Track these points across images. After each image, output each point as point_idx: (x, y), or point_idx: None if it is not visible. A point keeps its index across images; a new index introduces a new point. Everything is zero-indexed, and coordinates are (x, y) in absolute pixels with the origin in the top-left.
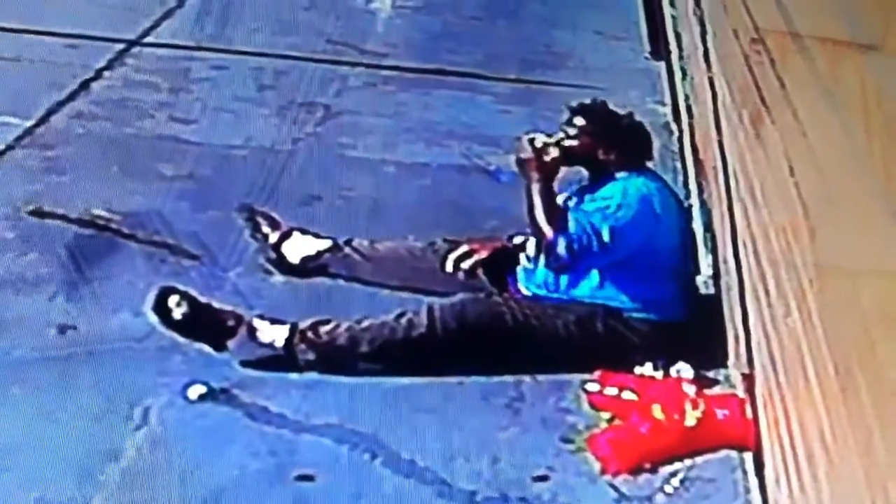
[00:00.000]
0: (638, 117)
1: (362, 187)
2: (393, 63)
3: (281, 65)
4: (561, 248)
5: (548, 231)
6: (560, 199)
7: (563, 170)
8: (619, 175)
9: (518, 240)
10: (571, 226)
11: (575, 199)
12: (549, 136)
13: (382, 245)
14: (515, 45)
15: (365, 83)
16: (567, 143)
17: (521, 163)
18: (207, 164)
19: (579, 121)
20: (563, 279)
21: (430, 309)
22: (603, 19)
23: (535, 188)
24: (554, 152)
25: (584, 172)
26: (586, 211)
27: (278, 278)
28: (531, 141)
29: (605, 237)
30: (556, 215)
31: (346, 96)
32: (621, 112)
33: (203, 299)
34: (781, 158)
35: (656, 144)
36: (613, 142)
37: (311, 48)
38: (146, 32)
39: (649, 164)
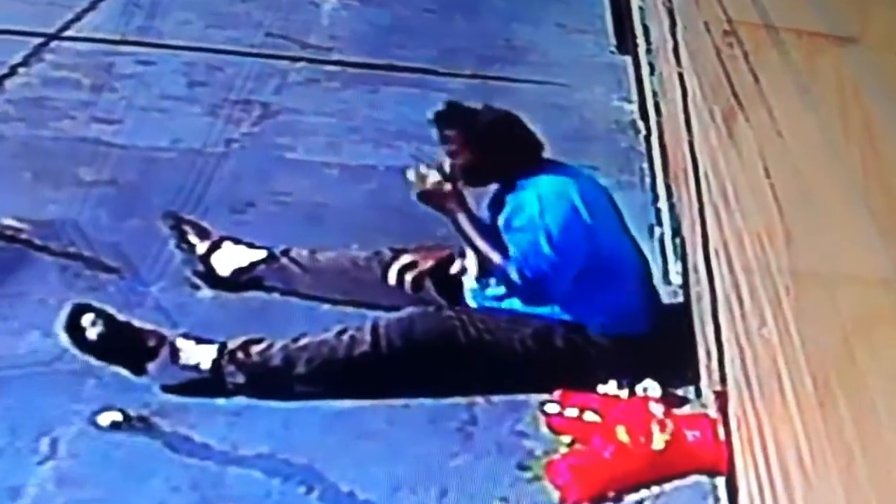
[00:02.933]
0: (592, 113)
1: (302, 192)
2: (338, 58)
3: (214, 60)
4: (513, 274)
5: (496, 257)
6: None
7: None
8: (526, 181)
9: (456, 266)
10: (512, 250)
11: (494, 217)
12: (430, 165)
13: (323, 255)
14: (472, 39)
15: (307, 79)
16: (456, 161)
17: (427, 198)
18: (131, 169)
19: (449, 132)
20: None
21: (375, 325)
22: (565, 12)
23: (461, 218)
24: (447, 185)
25: (492, 187)
26: (515, 228)
27: (206, 293)
28: (422, 177)
29: (546, 249)
30: (496, 239)
31: (286, 93)
32: (476, 107)
33: (121, 317)
34: (756, 158)
35: (623, 144)
36: (488, 144)
37: (249, 42)
38: (66, 25)
39: (547, 156)
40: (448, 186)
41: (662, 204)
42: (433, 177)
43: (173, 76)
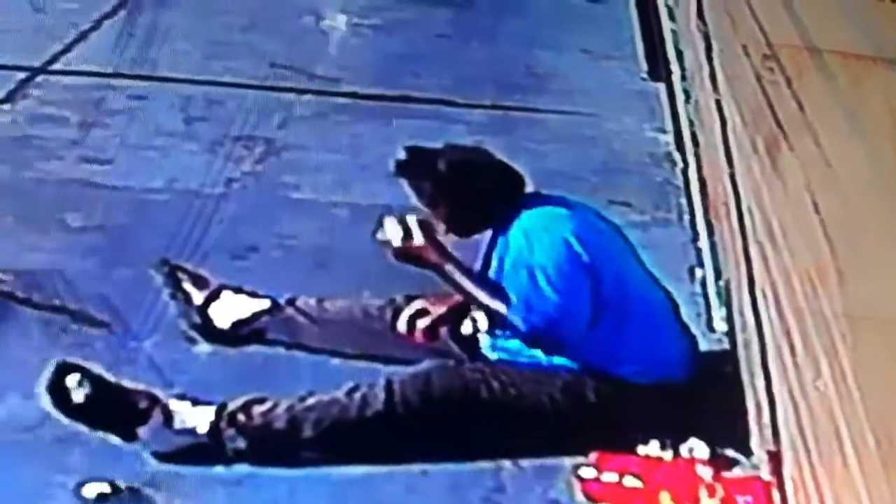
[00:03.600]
0: (623, 145)
1: (309, 235)
2: (348, 89)
3: (214, 93)
4: (518, 322)
5: (498, 306)
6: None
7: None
8: (514, 220)
9: (467, 327)
10: (511, 296)
11: (489, 265)
12: (398, 219)
13: (332, 304)
14: (490, 67)
15: (314, 113)
16: (437, 213)
17: (406, 255)
18: (122, 212)
19: (417, 183)
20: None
21: (389, 382)
22: (591, 36)
23: (449, 270)
24: (417, 238)
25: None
26: (507, 271)
27: (204, 348)
28: (407, 231)
29: (546, 290)
30: (494, 286)
31: (291, 128)
32: (435, 147)
33: (110, 377)
34: (803, 191)
35: (658, 178)
36: (460, 189)
37: (251, 73)
38: (54, 58)
39: (532, 190)
40: (419, 239)
41: (703, 243)
42: (396, 233)
43: (169, 111)
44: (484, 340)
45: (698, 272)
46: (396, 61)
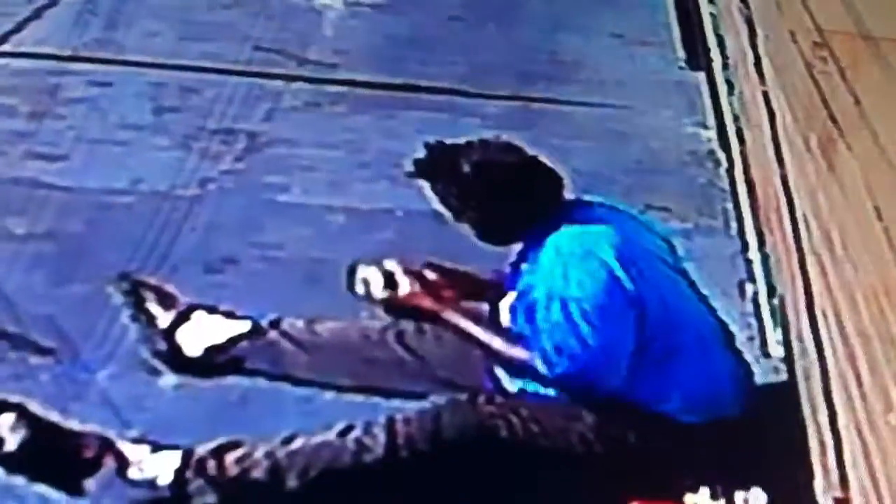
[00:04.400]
0: (660, 141)
1: (298, 245)
2: (344, 76)
3: (189, 79)
4: (542, 368)
5: (518, 353)
6: (506, 307)
7: None
8: (547, 234)
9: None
10: (539, 335)
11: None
12: (375, 266)
13: (324, 327)
14: (509, 53)
15: (306, 103)
16: (462, 219)
17: (393, 307)
18: (76, 218)
19: (440, 185)
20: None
21: (391, 420)
22: (622, 19)
23: (450, 316)
24: (405, 286)
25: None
26: (532, 302)
27: (169, 380)
28: (367, 287)
29: (583, 328)
30: (507, 330)
31: (278, 121)
32: (460, 142)
33: (53, 417)
34: (863, 195)
35: (700, 180)
36: (492, 191)
37: (233, 57)
38: (3, 38)
39: (570, 197)
40: (405, 287)
41: (753, 254)
42: (377, 284)
43: (136, 100)
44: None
45: (749, 288)
46: (401, 45)
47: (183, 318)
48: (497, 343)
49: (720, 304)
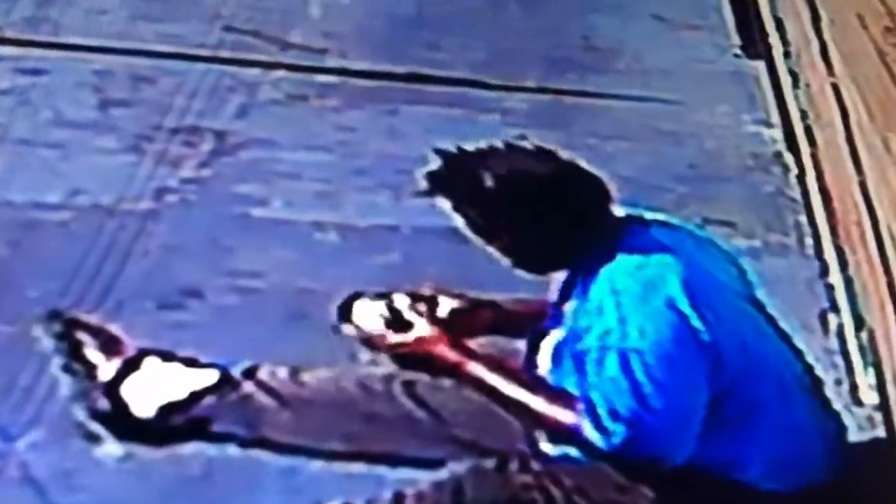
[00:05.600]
0: (716, 142)
1: (279, 271)
2: (336, 64)
3: (143, 67)
4: (593, 435)
5: (563, 416)
6: (547, 349)
7: None
8: (598, 264)
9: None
10: (593, 397)
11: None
12: (389, 300)
13: (313, 376)
14: (535, 38)
15: (288, 96)
16: (493, 243)
17: (403, 357)
18: None
19: (462, 202)
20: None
21: (400, 498)
22: (667, 0)
23: (475, 370)
24: (419, 328)
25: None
26: (581, 351)
27: (112, 450)
28: (397, 318)
29: (646, 387)
30: (549, 386)
31: (254, 117)
32: (482, 147)
33: None
34: None
35: (767, 188)
36: (521, 209)
37: (198, 40)
38: None
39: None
40: (422, 328)
41: (835, 278)
42: (377, 321)
43: (76, 92)
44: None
45: (832, 319)
46: (406, 27)
47: (131, 367)
48: (537, 403)
49: (799, 340)
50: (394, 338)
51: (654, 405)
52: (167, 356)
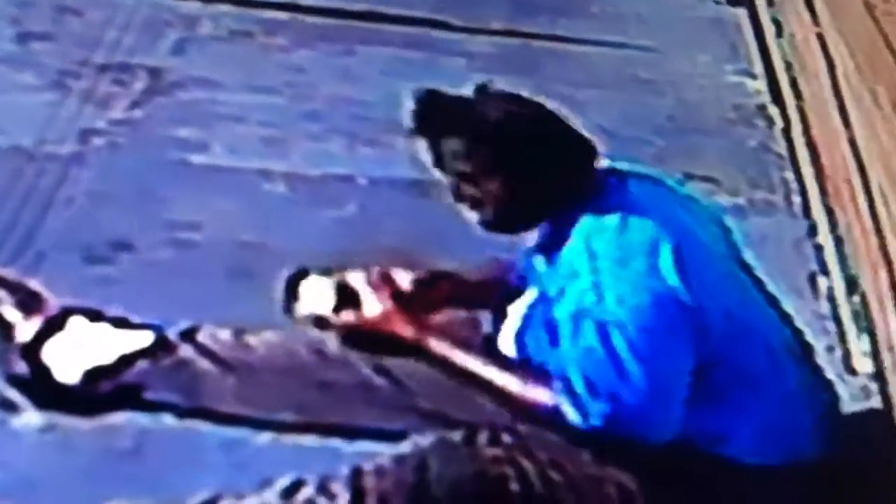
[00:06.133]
0: (697, 93)
1: (221, 223)
2: None
3: None
4: (573, 415)
5: (538, 395)
6: (517, 313)
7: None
8: (575, 221)
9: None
10: (569, 370)
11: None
12: (340, 278)
13: (259, 339)
14: None
15: (231, 31)
16: (474, 193)
17: (356, 336)
18: None
19: (452, 143)
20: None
21: (357, 473)
22: None
23: (438, 346)
24: (374, 303)
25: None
26: (561, 324)
27: (31, 418)
28: (345, 295)
29: (628, 364)
30: (519, 362)
31: (193, 54)
32: (463, 95)
33: None
34: None
35: (750, 142)
36: (521, 157)
37: None
38: None
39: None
40: (373, 306)
41: (824, 238)
42: (328, 301)
43: None
44: None
45: (822, 282)
46: None
47: (53, 327)
48: (509, 382)
49: (788, 304)
50: (345, 316)
51: (636, 380)
52: (94, 315)
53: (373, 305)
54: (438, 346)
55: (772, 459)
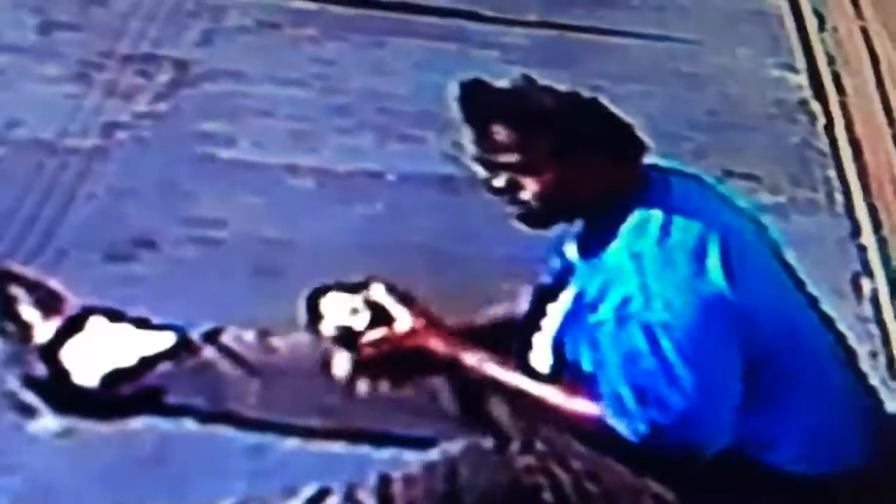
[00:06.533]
0: (738, 87)
1: (247, 219)
2: None
3: None
4: (623, 425)
5: (583, 407)
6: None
7: None
8: (619, 221)
9: None
10: (612, 371)
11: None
12: (367, 296)
13: (284, 341)
14: None
15: (259, 22)
16: (518, 183)
17: (380, 359)
18: None
19: (502, 131)
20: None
21: (385, 481)
22: None
23: (474, 360)
24: (405, 320)
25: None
26: (605, 330)
27: (49, 423)
28: (344, 331)
29: (678, 370)
30: (560, 374)
31: (220, 45)
32: (504, 86)
33: None
34: None
35: (792, 139)
36: (572, 148)
37: None
38: None
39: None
40: (405, 322)
41: (867, 239)
42: (361, 320)
43: (14, 14)
44: None
45: (865, 284)
46: None
47: (72, 327)
48: (551, 395)
49: (829, 306)
50: (374, 334)
51: (686, 386)
52: (115, 315)
53: (405, 320)
54: (473, 359)
55: (819, 467)
